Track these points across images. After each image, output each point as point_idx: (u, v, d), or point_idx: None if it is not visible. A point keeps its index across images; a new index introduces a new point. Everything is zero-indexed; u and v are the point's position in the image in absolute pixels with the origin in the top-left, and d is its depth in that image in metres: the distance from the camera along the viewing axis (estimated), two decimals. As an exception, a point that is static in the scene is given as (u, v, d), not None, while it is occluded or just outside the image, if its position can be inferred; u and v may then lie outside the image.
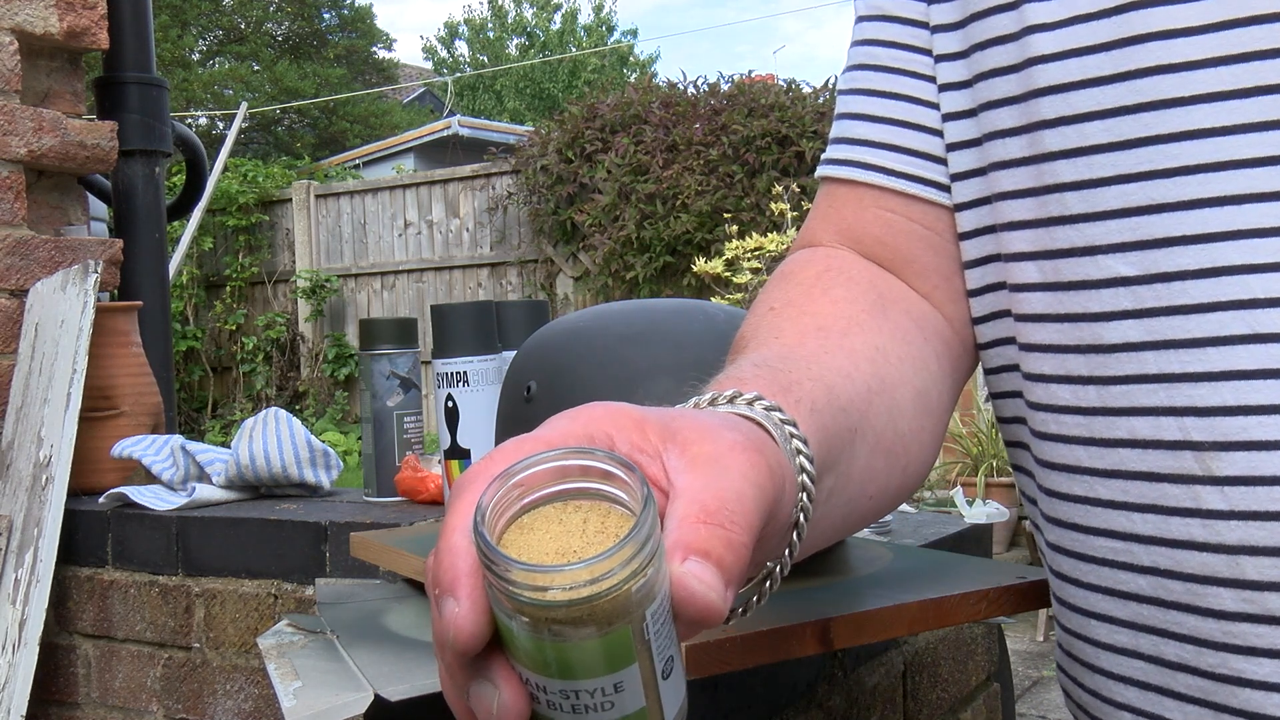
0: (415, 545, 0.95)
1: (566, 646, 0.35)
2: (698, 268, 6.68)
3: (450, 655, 0.37)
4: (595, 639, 0.35)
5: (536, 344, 0.86)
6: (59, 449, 1.48)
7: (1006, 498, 5.69)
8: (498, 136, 11.53)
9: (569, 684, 0.36)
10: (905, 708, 1.03)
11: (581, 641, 0.35)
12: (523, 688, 0.37)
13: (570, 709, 0.36)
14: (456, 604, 0.36)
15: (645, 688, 0.37)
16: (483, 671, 0.37)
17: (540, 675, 0.36)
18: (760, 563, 0.46)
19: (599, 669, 0.35)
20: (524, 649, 0.36)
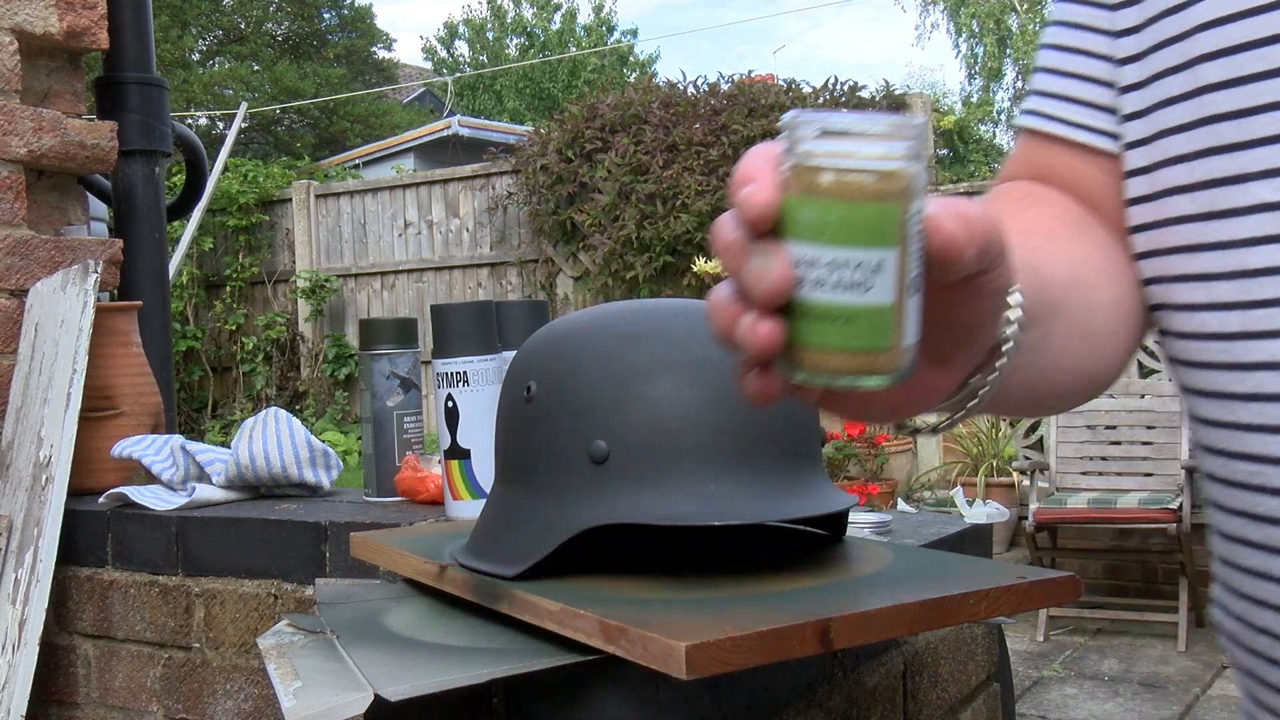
0: (415, 545, 0.95)
1: (850, 208, 0.41)
2: (698, 268, 6.68)
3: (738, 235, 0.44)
4: (875, 204, 0.41)
5: (536, 344, 0.86)
6: (59, 449, 1.48)
7: (1006, 498, 5.69)
8: (498, 136, 11.53)
9: (840, 251, 0.42)
10: (905, 708, 1.03)
11: (863, 203, 0.41)
12: (790, 265, 0.42)
13: (832, 284, 0.42)
14: (755, 185, 0.43)
15: (897, 284, 0.42)
16: (760, 250, 0.43)
17: (815, 246, 0.42)
18: (962, 380, 0.53)
19: (869, 238, 0.41)
20: (807, 221, 0.42)
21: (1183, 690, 4.06)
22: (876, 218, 0.41)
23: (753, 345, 0.44)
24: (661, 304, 0.84)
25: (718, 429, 0.78)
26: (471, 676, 0.72)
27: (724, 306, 0.45)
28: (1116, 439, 5.08)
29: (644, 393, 0.78)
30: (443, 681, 0.71)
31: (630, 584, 0.79)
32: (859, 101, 6.53)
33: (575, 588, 0.78)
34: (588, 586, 0.78)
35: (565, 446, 0.79)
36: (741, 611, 0.69)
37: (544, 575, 0.79)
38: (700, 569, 0.83)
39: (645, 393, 0.78)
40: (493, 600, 0.80)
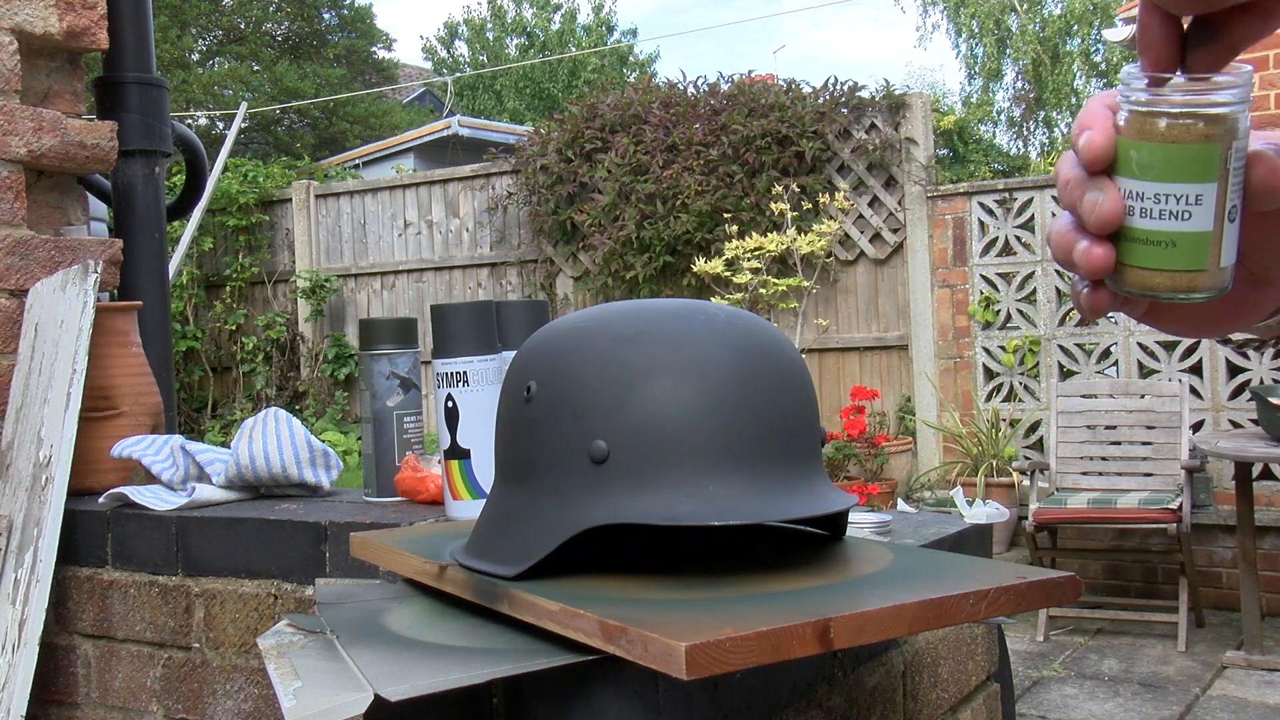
0: (415, 545, 0.95)
1: (1176, 148, 0.48)
2: (698, 268, 6.67)
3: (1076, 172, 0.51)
4: (1199, 144, 0.48)
5: (536, 344, 0.86)
6: (59, 449, 1.48)
7: (1006, 498, 5.69)
8: (498, 136, 11.53)
9: (1165, 186, 0.48)
10: (905, 708, 1.03)
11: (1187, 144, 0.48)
12: (1119, 197, 0.50)
13: (1157, 214, 0.49)
14: (1092, 131, 0.49)
15: (1216, 213, 0.49)
16: (1095, 185, 0.50)
17: (1143, 181, 0.49)
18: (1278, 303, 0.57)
19: (1191, 174, 0.48)
20: (1138, 160, 0.49)
21: (1183, 690, 4.06)
22: (1199, 157, 0.48)
23: (1088, 266, 0.51)
24: (661, 304, 0.84)
25: (718, 429, 0.78)
26: (471, 676, 0.72)
27: (1063, 233, 0.52)
28: (1116, 439, 5.08)
29: (644, 393, 0.78)
30: (443, 681, 0.71)
31: (630, 584, 0.79)
32: (859, 101, 6.53)
33: (575, 588, 0.78)
34: (588, 586, 0.78)
35: (565, 446, 0.79)
36: (741, 611, 0.69)
37: (544, 575, 0.79)
38: (700, 569, 0.83)
39: (645, 393, 0.78)
40: (493, 600, 0.80)
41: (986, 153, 20.67)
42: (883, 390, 6.65)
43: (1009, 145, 23.38)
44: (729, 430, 0.78)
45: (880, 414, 6.61)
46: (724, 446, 0.78)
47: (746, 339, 0.82)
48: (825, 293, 6.81)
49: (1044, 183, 6.25)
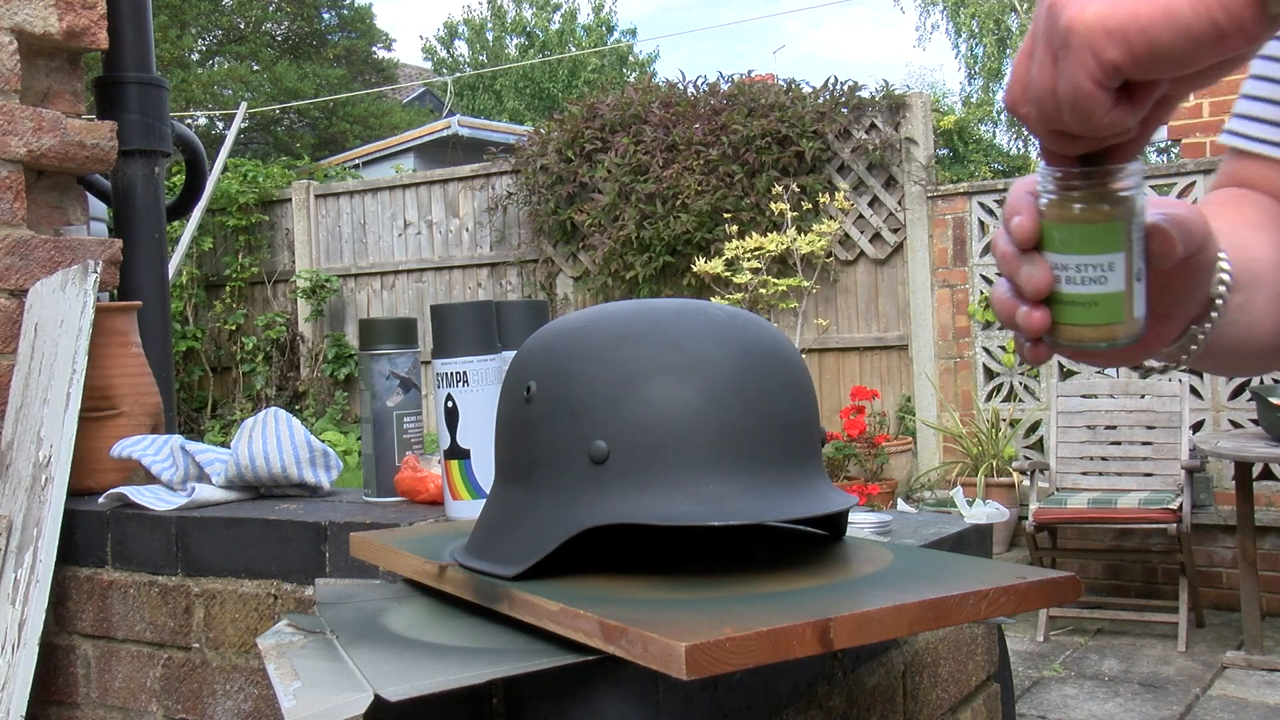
0: (415, 545, 0.95)
1: (1089, 227, 0.58)
2: (698, 268, 6.67)
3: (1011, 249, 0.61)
4: (1107, 223, 0.58)
5: (536, 344, 0.86)
6: (59, 449, 1.48)
7: (1006, 498, 5.69)
8: (498, 136, 11.53)
9: (1084, 258, 0.59)
10: (905, 708, 1.03)
11: (1098, 224, 0.58)
12: (1049, 270, 0.60)
13: (1080, 280, 0.59)
14: (1020, 217, 0.60)
15: (1126, 276, 0.59)
16: (1028, 260, 0.60)
17: (1066, 255, 0.59)
18: (1184, 329, 0.68)
19: (1104, 247, 0.58)
20: (1060, 239, 0.59)
21: (1183, 690, 4.06)
22: (1108, 233, 0.59)
23: (1030, 328, 0.61)
24: (661, 304, 0.84)
25: (718, 429, 0.78)
26: (471, 676, 0.72)
27: (1004, 299, 0.63)
28: (1116, 439, 5.08)
29: (643, 393, 0.78)
30: (443, 681, 0.71)
31: (630, 584, 0.79)
32: (859, 101, 6.53)
33: (575, 588, 0.78)
34: (588, 586, 0.78)
35: (565, 446, 0.79)
36: (741, 611, 0.69)
37: (544, 575, 0.79)
38: (700, 569, 0.83)
39: (645, 393, 0.78)
40: (493, 600, 0.80)
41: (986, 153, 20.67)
42: (883, 390, 6.65)
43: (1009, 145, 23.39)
44: (729, 430, 0.78)
45: (880, 414, 6.61)
46: (724, 446, 0.78)
47: (746, 339, 0.82)
48: (825, 293, 6.81)
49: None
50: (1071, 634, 4.83)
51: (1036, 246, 0.60)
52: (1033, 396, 6.15)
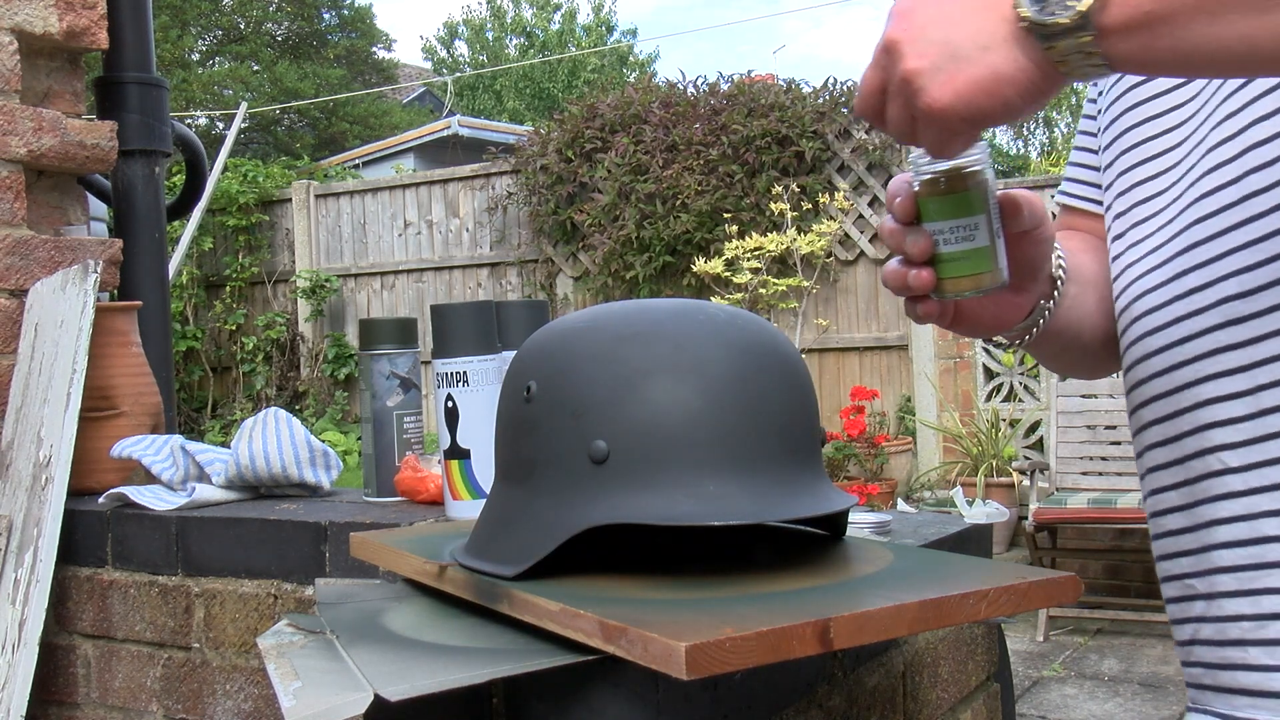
0: (415, 545, 0.95)
1: (955, 197, 0.74)
2: (698, 268, 6.67)
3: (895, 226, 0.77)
4: (968, 190, 0.74)
5: (536, 344, 0.86)
6: (59, 449, 1.48)
7: (1006, 498, 5.69)
8: (498, 136, 11.53)
9: (955, 221, 0.74)
10: (905, 708, 1.03)
11: (961, 193, 0.74)
12: (928, 238, 0.75)
13: (955, 240, 0.75)
14: (900, 197, 0.76)
15: (989, 232, 0.75)
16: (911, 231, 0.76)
17: (939, 221, 0.75)
18: (1035, 304, 0.84)
19: (968, 210, 0.74)
20: (934, 209, 0.75)
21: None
22: (972, 199, 0.74)
23: (919, 285, 0.76)
24: (661, 304, 0.84)
25: (717, 429, 0.78)
26: (471, 676, 0.72)
27: (895, 271, 0.77)
28: (1116, 439, 5.08)
29: (643, 393, 0.78)
30: (443, 681, 0.71)
31: (630, 584, 0.79)
32: (859, 101, 6.53)
33: (575, 588, 0.78)
34: (588, 586, 0.78)
35: (565, 446, 0.79)
36: (741, 611, 0.69)
37: (544, 575, 0.79)
38: (700, 569, 0.83)
39: (645, 393, 0.78)
40: (493, 600, 0.80)
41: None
42: (883, 390, 6.65)
43: (1009, 145, 23.36)
44: (729, 430, 0.78)
45: (880, 414, 6.61)
46: (724, 446, 0.78)
47: (746, 339, 0.82)
48: (825, 293, 6.81)
49: (1044, 183, 6.25)
50: (1071, 634, 4.83)
51: (916, 220, 0.76)
52: (1033, 396, 6.15)
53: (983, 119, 0.66)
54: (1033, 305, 0.84)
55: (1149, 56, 0.61)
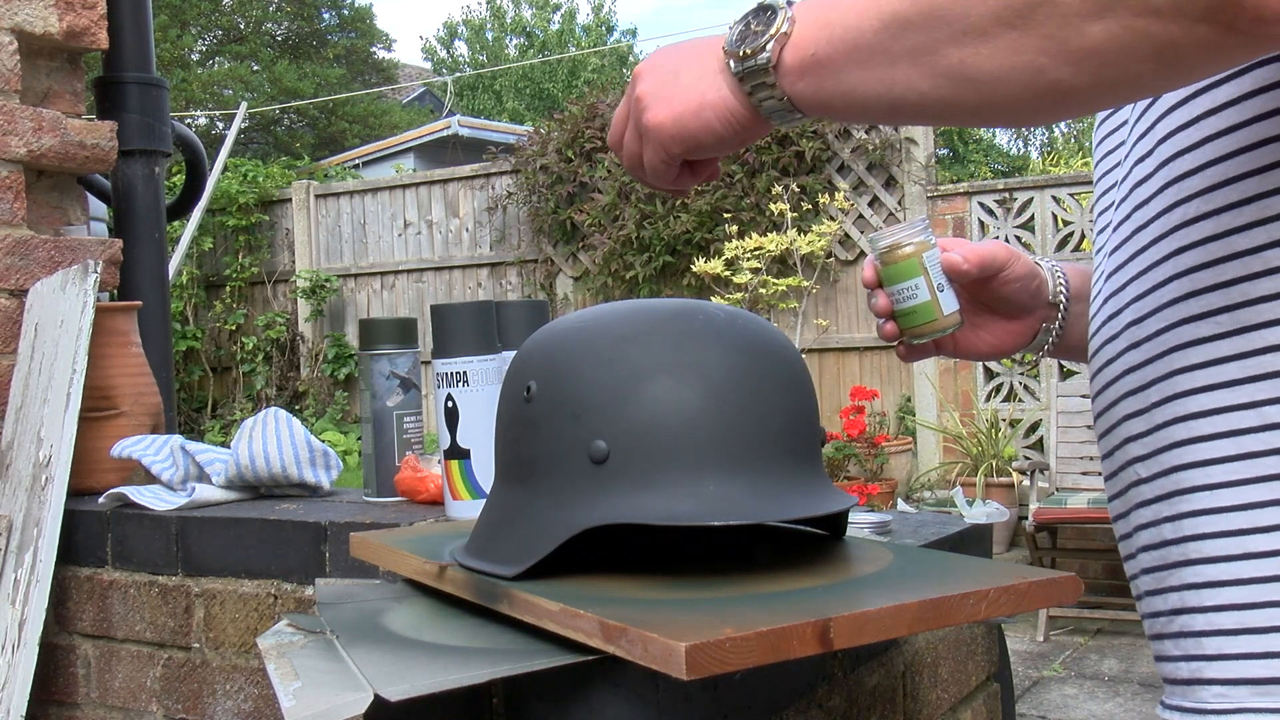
0: (415, 545, 0.95)
1: (894, 266, 0.93)
2: (698, 268, 6.67)
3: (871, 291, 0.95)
4: (902, 262, 0.92)
5: (536, 344, 0.86)
6: (59, 449, 1.48)
7: (1006, 498, 5.69)
8: (498, 136, 11.53)
9: (899, 285, 0.93)
10: (905, 708, 1.03)
11: (897, 264, 0.92)
12: (887, 298, 0.94)
13: (903, 299, 0.93)
14: (867, 272, 0.94)
15: (929, 289, 0.92)
16: (874, 295, 0.95)
17: (891, 285, 0.93)
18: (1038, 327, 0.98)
19: (906, 275, 0.92)
20: (884, 276, 0.94)
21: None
22: (906, 267, 0.93)
23: (886, 336, 0.95)
24: (661, 304, 0.84)
25: (717, 429, 0.78)
26: (471, 676, 0.72)
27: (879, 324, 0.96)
28: (1116, 439, 5.07)
29: (643, 393, 0.78)
30: (443, 681, 0.71)
31: (630, 584, 0.79)
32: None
33: (575, 588, 0.78)
34: (588, 586, 0.78)
35: (565, 446, 0.79)
36: (741, 611, 0.69)
37: (544, 575, 0.79)
38: (700, 569, 0.83)
39: (645, 393, 0.78)
40: (493, 600, 0.80)
41: (986, 153, 20.65)
42: (883, 390, 6.65)
43: (1009, 145, 23.37)
44: (729, 430, 0.78)
45: (880, 414, 6.61)
46: (724, 446, 0.78)
47: (747, 339, 0.82)
48: (825, 293, 6.81)
49: (1044, 183, 6.25)
50: (1071, 634, 4.83)
51: (880, 285, 0.94)
52: (1033, 396, 6.15)
53: (691, 140, 0.74)
54: (1036, 329, 0.98)
55: (823, 98, 0.68)
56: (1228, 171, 0.68)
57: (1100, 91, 0.58)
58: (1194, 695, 0.72)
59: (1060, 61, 0.57)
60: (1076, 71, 0.57)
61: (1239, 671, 0.68)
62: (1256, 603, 0.66)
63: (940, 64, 0.61)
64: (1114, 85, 0.58)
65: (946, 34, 0.60)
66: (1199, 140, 0.70)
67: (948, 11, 0.59)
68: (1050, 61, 0.57)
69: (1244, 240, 0.67)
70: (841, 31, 0.65)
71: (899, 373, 6.64)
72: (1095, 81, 0.57)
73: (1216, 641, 0.69)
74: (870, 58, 0.64)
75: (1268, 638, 0.66)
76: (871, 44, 0.63)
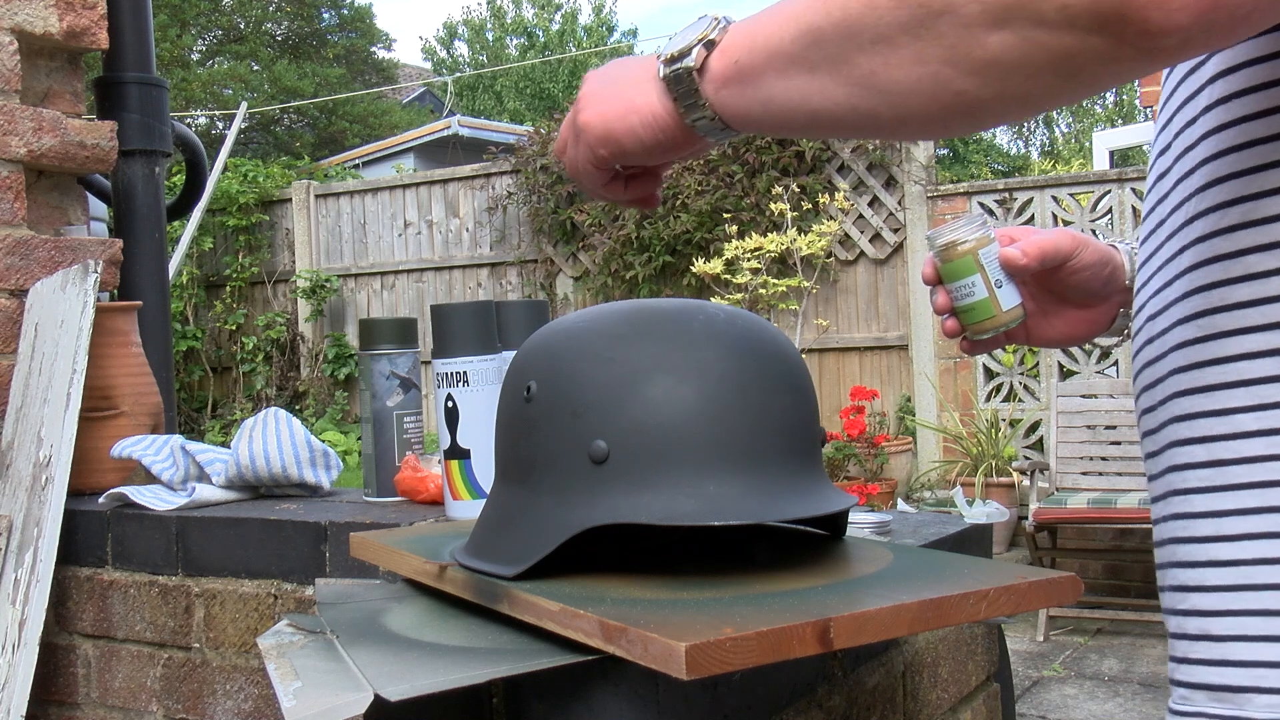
0: (415, 545, 0.95)
1: (951, 264, 0.93)
2: (698, 268, 6.67)
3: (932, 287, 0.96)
4: (959, 259, 0.93)
5: (536, 344, 0.86)
6: (59, 449, 1.48)
7: (1006, 498, 5.69)
8: (498, 136, 11.52)
9: (957, 282, 0.93)
10: (905, 708, 1.03)
11: (953, 261, 0.93)
12: (946, 294, 0.94)
13: (961, 296, 0.93)
14: (927, 269, 0.95)
15: (986, 287, 0.92)
16: (935, 292, 0.95)
17: (949, 283, 0.94)
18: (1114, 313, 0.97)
19: (963, 273, 0.93)
20: (943, 273, 0.94)
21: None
22: (963, 265, 0.93)
23: (948, 332, 0.96)
24: (661, 304, 0.84)
25: (717, 429, 0.78)
26: (471, 676, 0.72)
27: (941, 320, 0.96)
28: (1116, 439, 5.08)
29: (644, 393, 0.78)
30: (443, 681, 0.71)
31: (630, 584, 0.79)
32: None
33: (575, 588, 0.78)
34: (588, 586, 0.78)
35: (565, 446, 0.79)
36: (741, 611, 0.69)
37: (544, 575, 0.79)
38: (700, 569, 0.83)
39: (645, 393, 0.78)
40: (493, 600, 0.80)
41: (987, 153, 20.67)
42: (883, 390, 6.65)
43: (1009, 145, 23.38)
44: (729, 430, 0.78)
45: (880, 414, 6.61)
46: (723, 446, 0.78)
47: (746, 339, 0.82)
48: (825, 293, 6.81)
49: (1044, 183, 6.25)
50: (1071, 634, 4.83)
51: (940, 283, 0.95)
52: (1033, 396, 6.15)
53: (615, 143, 0.74)
54: (1113, 314, 0.97)
55: (744, 107, 0.68)
56: (1217, 171, 0.68)
57: (1006, 103, 0.59)
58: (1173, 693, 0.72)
59: (962, 72, 0.57)
60: (980, 83, 0.57)
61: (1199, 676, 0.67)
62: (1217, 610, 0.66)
63: (853, 73, 0.61)
64: (1018, 97, 0.58)
65: (857, 43, 0.60)
66: (1199, 137, 0.70)
67: (858, 21, 0.60)
68: (953, 72, 0.57)
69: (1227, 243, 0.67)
70: (763, 40, 0.66)
71: (899, 373, 6.64)
72: (999, 93, 0.58)
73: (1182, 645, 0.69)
74: (788, 66, 0.64)
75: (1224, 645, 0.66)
76: (790, 53, 0.64)
